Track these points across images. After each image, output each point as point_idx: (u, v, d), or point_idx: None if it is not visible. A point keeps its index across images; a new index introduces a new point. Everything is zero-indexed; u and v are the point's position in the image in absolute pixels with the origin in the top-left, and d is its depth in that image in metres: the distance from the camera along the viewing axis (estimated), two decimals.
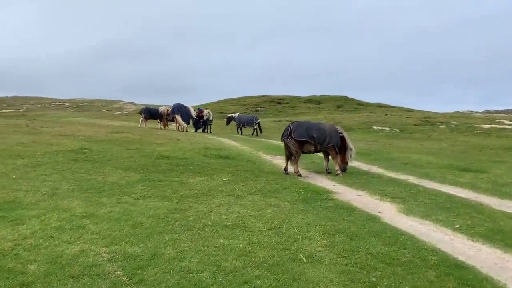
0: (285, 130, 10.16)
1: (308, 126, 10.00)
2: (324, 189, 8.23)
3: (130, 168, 9.39)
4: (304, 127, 9.90)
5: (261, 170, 10.22)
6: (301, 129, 9.86)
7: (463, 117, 39.90)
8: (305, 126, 9.99)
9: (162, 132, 19.58)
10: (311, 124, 10.32)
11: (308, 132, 9.86)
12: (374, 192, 8.08)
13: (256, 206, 6.55)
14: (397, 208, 6.82)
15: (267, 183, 8.58)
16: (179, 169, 9.59)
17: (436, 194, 7.99)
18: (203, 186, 7.91)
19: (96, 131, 16.80)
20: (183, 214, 5.78)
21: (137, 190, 7.26)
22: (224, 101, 65.00)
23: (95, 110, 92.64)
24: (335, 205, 6.90)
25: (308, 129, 9.89)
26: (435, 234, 5.46)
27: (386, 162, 12.76)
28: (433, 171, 11.05)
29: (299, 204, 6.84)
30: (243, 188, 7.94)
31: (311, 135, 9.84)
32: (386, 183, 9.03)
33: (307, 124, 10.17)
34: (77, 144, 12.48)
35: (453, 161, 13.39)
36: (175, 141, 15.35)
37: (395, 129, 30.86)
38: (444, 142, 21.89)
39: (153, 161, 10.35)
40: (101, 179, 8.06)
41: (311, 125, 10.18)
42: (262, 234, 5.07)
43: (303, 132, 9.81)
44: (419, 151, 16.60)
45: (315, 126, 10.20)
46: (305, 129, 9.85)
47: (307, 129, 9.86)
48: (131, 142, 13.97)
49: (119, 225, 5.12)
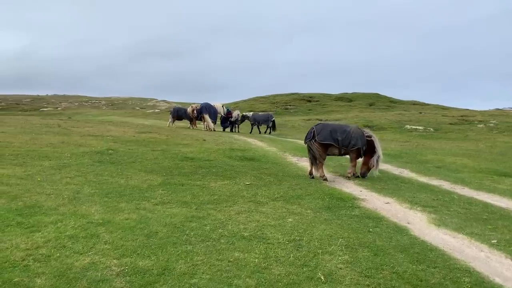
0: (309, 133, 9.80)
1: (332, 129, 9.63)
2: (350, 195, 7.86)
3: (153, 170, 9.34)
4: (329, 130, 9.53)
5: (285, 174, 9.95)
6: (325, 131, 9.49)
7: (503, 115, 38.02)
8: (329, 128, 9.62)
9: (189, 132, 19.64)
10: (336, 126, 9.93)
11: (333, 135, 9.49)
12: (404, 199, 7.65)
13: (277, 214, 6.30)
14: (428, 219, 6.39)
15: (290, 188, 8.31)
16: (202, 171, 9.46)
17: (472, 202, 7.47)
18: (224, 191, 7.73)
19: (124, 131, 17.03)
20: (200, 222, 5.60)
21: (157, 195, 7.16)
22: (254, 99, 64.91)
23: (129, 108, 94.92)
24: (361, 214, 6.55)
25: (332, 131, 9.52)
26: (469, 250, 5.03)
27: (418, 165, 12.19)
28: (469, 176, 10.43)
29: (322, 212, 6.53)
30: (265, 193, 7.70)
31: (335, 138, 9.47)
32: (417, 190, 8.55)
33: (332, 127, 9.78)
34: (104, 144, 12.62)
35: (491, 164, 12.64)
36: (201, 141, 15.30)
37: (429, 129, 29.73)
38: (481, 142, 20.83)
39: (176, 163, 10.28)
40: (123, 182, 8.03)
41: (335, 127, 9.79)
42: (280, 247, 4.81)
43: (327, 135, 9.45)
44: (454, 153, 15.81)
45: (339, 128, 9.79)
46: (329, 131, 9.49)
47: (331, 132, 9.49)
48: (158, 143, 14.02)
49: (134, 234, 5.00)
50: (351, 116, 40.34)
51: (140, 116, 55.13)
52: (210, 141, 15.65)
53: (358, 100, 60.72)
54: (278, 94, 65.27)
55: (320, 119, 37.44)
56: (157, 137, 15.68)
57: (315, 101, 59.29)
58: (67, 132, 15.64)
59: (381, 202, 7.46)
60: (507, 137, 23.58)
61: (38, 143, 12.02)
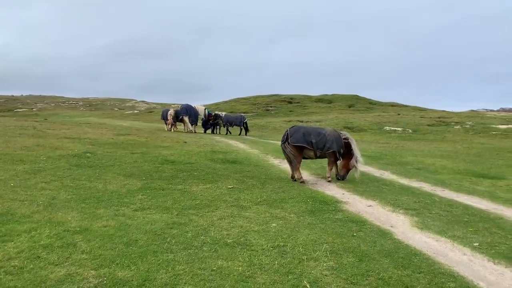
0: (283, 136, 9.68)
1: (306, 131, 9.52)
2: (333, 198, 7.83)
3: (132, 174, 9.11)
4: (302, 132, 9.42)
5: (268, 176, 9.86)
6: (298, 134, 9.38)
7: (478, 117, 39.02)
8: (302, 131, 9.52)
9: (169, 134, 19.35)
10: (310, 128, 9.86)
11: (306, 137, 9.35)
12: (386, 202, 7.67)
13: (261, 219, 6.20)
14: (411, 222, 6.41)
15: (273, 191, 8.23)
16: (183, 175, 9.28)
17: (452, 205, 7.54)
18: (206, 195, 7.58)
19: (102, 133, 16.64)
20: (182, 229, 5.44)
21: (137, 200, 6.97)
22: (235, 101, 64.84)
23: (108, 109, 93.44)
24: (344, 217, 6.51)
25: (306, 134, 9.39)
26: (452, 254, 5.04)
27: (399, 167, 12.30)
28: (448, 178, 10.57)
29: (306, 216, 6.47)
30: (248, 197, 7.60)
31: (309, 140, 9.33)
32: (399, 192, 8.60)
33: (306, 129, 9.70)
34: (82, 147, 12.28)
35: (469, 165, 12.87)
36: (181, 144, 15.08)
37: (407, 130, 30.22)
38: (459, 144, 21.25)
39: (156, 167, 10.06)
40: (101, 187, 7.79)
41: (309, 129, 9.71)
42: (264, 253, 4.71)
43: (300, 137, 9.33)
44: (433, 154, 16.06)
45: (314, 131, 9.68)
46: (302, 134, 9.36)
47: (304, 134, 9.36)
48: (137, 145, 13.74)
49: (112, 243, 4.81)
50: (331, 117, 40.69)
51: (118, 117, 54.25)
52: (191, 144, 15.44)
53: (338, 102, 61.37)
54: (259, 96, 65.38)
55: (301, 120, 37.62)
56: (136, 139, 15.38)
57: (296, 103, 59.62)
58: (42, 134, 15.17)
59: (363, 205, 7.45)
60: (483, 139, 24.16)
61: (12, 146, 11.59)
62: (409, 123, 33.80)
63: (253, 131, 26.99)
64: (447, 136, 25.68)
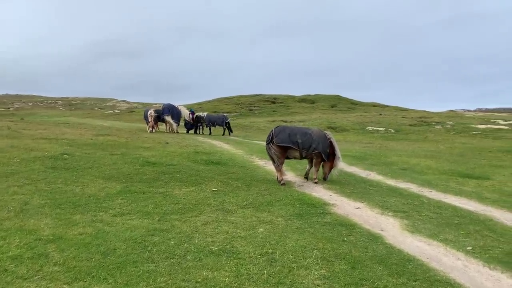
0: (268, 135, 9.37)
1: (291, 131, 9.25)
2: (320, 200, 7.62)
3: (111, 177, 8.72)
4: (287, 132, 9.15)
5: (253, 178, 9.60)
6: (283, 134, 9.10)
7: (458, 117, 39.63)
8: (288, 131, 9.25)
9: (151, 135, 18.87)
10: (296, 129, 9.61)
11: (291, 138, 9.08)
12: (374, 204, 7.50)
13: (247, 223, 5.93)
14: (401, 225, 6.24)
15: (259, 193, 7.97)
16: (165, 178, 8.93)
17: (441, 206, 7.42)
18: (190, 198, 7.27)
19: (81, 134, 16.09)
20: (164, 236, 5.13)
21: (116, 204, 6.60)
22: (218, 100, 64.38)
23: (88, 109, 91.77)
24: (333, 220, 6.30)
25: (291, 134, 9.12)
26: (446, 258, 4.87)
27: (384, 167, 12.20)
28: (434, 178, 10.51)
29: (294, 220, 6.23)
30: (234, 200, 7.32)
31: (294, 140, 9.07)
32: (386, 193, 8.45)
33: (291, 129, 9.44)
34: (59, 149, 11.78)
35: (454, 165, 12.87)
36: (163, 144, 14.68)
37: (390, 130, 30.40)
38: (441, 144, 21.41)
39: (137, 169, 9.68)
40: (78, 191, 7.39)
41: (295, 130, 9.45)
42: (252, 262, 4.44)
43: (285, 138, 9.06)
44: (417, 154, 16.07)
45: (299, 131, 9.43)
46: (288, 134, 9.09)
47: (290, 134, 9.09)
48: (117, 146, 13.29)
49: (88, 253, 4.47)
50: (315, 117, 40.71)
51: (98, 117, 53.18)
52: (173, 144, 15.05)
53: (321, 102, 61.57)
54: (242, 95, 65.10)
55: (285, 120, 37.51)
56: (116, 140, 14.90)
57: (279, 103, 59.55)
58: (17, 135, 14.55)
59: (351, 207, 7.26)
60: (464, 138, 24.44)
61: None
62: (391, 123, 34.05)
63: (237, 131, 26.69)
64: (429, 136, 25.90)
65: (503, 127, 30.98)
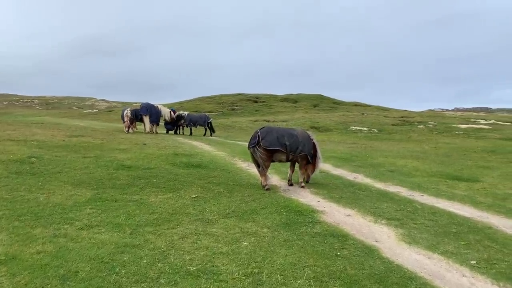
0: (253, 137, 8.70)
1: (279, 133, 8.65)
2: (308, 207, 7.10)
3: (82, 183, 8.02)
4: (275, 134, 8.55)
5: (236, 182, 9.03)
6: (270, 136, 8.49)
7: (440, 117, 39.90)
8: (275, 133, 8.63)
9: (128, 136, 18.03)
10: (282, 130, 9.00)
11: (280, 140, 8.50)
12: (366, 211, 7.02)
13: (230, 236, 5.36)
14: (396, 235, 5.77)
15: (243, 200, 7.40)
16: (140, 183, 8.28)
17: (436, 212, 7.00)
18: (166, 207, 6.65)
19: (53, 135, 15.20)
20: (135, 254, 4.52)
21: (84, 215, 5.95)
22: (200, 99, 63.50)
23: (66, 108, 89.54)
24: (323, 231, 5.79)
25: (279, 136, 8.54)
26: (450, 275, 4.41)
27: (372, 169, 11.80)
28: (424, 181, 10.15)
29: (281, 230, 5.69)
30: (215, 208, 6.73)
31: (283, 143, 8.50)
32: (377, 198, 8.00)
33: (277, 130, 8.83)
34: (26, 151, 10.97)
35: (441, 167, 12.57)
36: (141, 146, 13.95)
37: (373, 129, 30.26)
38: (425, 144, 21.26)
39: (110, 173, 8.99)
40: (43, 199, 6.70)
41: (281, 131, 8.85)
42: (236, 285, 3.88)
43: (273, 140, 8.45)
44: (403, 155, 15.78)
45: (286, 132, 8.85)
46: (276, 136, 8.50)
47: (278, 137, 8.51)
48: (91, 148, 12.51)
49: (45, 277, 3.83)
50: (297, 117, 40.37)
51: (76, 116, 51.71)
52: (151, 145, 14.34)
53: (303, 101, 61.39)
54: (224, 95, 64.39)
55: (268, 120, 37.03)
56: (90, 141, 14.09)
57: (262, 102, 59.10)
58: None
59: (342, 215, 6.77)
60: (447, 138, 24.41)
61: None
62: (374, 122, 33.96)
63: (219, 131, 26.00)
64: (412, 136, 25.80)
65: (484, 127, 31.23)
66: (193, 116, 24.59)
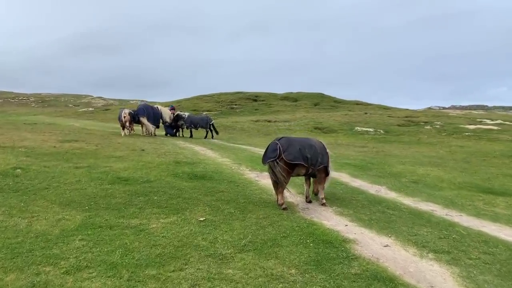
0: (271, 150, 7.49)
1: (300, 144, 7.59)
2: (337, 235, 6.05)
3: (72, 202, 6.96)
4: (297, 146, 7.47)
5: (247, 199, 7.97)
6: (293, 148, 7.40)
7: (445, 116, 38.92)
8: (297, 144, 7.55)
9: (125, 140, 16.88)
10: (301, 140, 7.88)
11: (302, 152, 7.44)
12: (405, 239, 5.99)
13: (251, 281, 4.32)
14: (453, 276, 4.73)
15: (258, 224, 6.35)
16: (139, 201, 7.21)
17: (487, 241, 5.97)
18: (171, 236, 5.59)
19: (44, 140, 14.08)
20: None
21: (72, 250, 4.89)
22: (198, 98, 62.28)
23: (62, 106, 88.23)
24: (363, 271, 4.75)
25: (301, 148, 7.48)
26: None
27: (393, 179, 10.76)
28: (454, 195, 9.12)
29: (313, 272, 4.64)
30: (228, 237, 5.68)
31: (305, 155, 7.44)
32: (411, 220, 6.96)
33: (298, 141, 7.73)
34: (12, 160, 9.88)
35: (466, 176, 11.56)
36: (139, 152, 12.85)
37: (379, 131, 29.24)
38: (438, 147, 20.27)
39: (105, 189, 7.92)
40: (24, 227, 5.64)
41: (301, 142, 7.77)
42: None
43: (296, 153, 7.37)
44: (420, 161, 14.76)
45: (306, 143, 7.78)
46: (298, 148, 7.42)
47: (300, 148, 7.45)
48: (84, 156, 11.42)
49: None
50: (299, 116, 39.30)
51: (71, 115, 50.46)
52: (150, 152, 13.24)
53: (303, 100, 60.28)
54: (223, 93, 63.21)
55: (269, 120, 35.96)
56: (84, 147, 12.99)
57: (261, 101, 57.99)
58: None
59: (378, 245, 5.73)
60: (459, 141, 23.41)
61: None
62: (379, 123, 32.93)
63: (220, 132, 24.83)
64: (421, 137, 24.80)
65: (493, 128, 30.27)
66: (194, 118, 23.27)
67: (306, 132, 28.01)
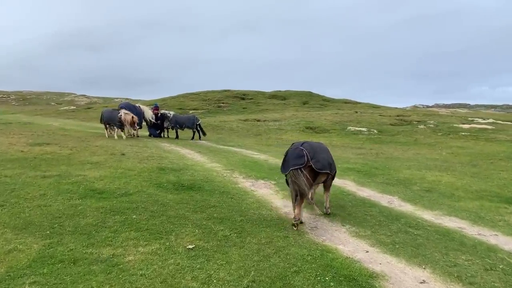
0: (296, 156, 6.33)
1: (321, 150, 6.72)
2: (359, 266, 4.89)
3: (30, 224, 5.66)
4: (320, 152, 6.58)
5: (244, 216, 6.75)
6: (318, 155, 6.47)
7: (436, 115, 38.35)
8: (319, 149, 6.63)
9: (104, 143, 15.46)
10: (319, 146, 6.88)
11: (328, 159, 6.73)
12: (443, 271, 4.85)
13: None
14: None
15: (261, 252, 5.16)
16: (114, 222, 5.93)
17: None
18: (152, 273, 4.35)
19: (11, 142, 12.61)
20: None
21: None
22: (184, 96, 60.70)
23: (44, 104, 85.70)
24: None
25: (324, 154, 6.72)
26: None
27: (403, 188, 9.66)
28: (477, 207, 8.05)
29: None
30: (224, 274, 4.47)
31: (329, 162, 6.73)
32: (443, 243, 5.84)
33: (319, 147, 6.74)
34: None
35: (479, 182, 10.54)
36: (118, 157, 11.49)
37: (373, 130, 28.31)
38: (437, 148, 19.34)
39: (74, 205, 6.61)
40: None
41: (321, 147, 6.81)
42: None
43: (323, 160, 6.52)
44: (424, 164, 13.74)
45: (323, 148, 6.90)
46: (322, 155, 6.58)
47: (324, 156, 6.67)
48: (55, 162, 10.04)
49: None
50: (289, 115, 38.18)
51: (52, 114, 48.46)
52: (131, 156, 11.89)
53: (292, 98, 59.25)
54: (209, 91, 61.78)
55: (258, 119, 34.76)
56: (56, 151, 11.58)
57: (249, 99, 56.75)
58: None
59: (412, 281, 4.59)
60: (457, 141, 22.57)
61: None
62: (371, 122, 32.05)
63: (208, 133, 23.46)
64: (418, 138, 23.89)
65: (487, 127, 29.62)
66: (180, 118, 21.83)
67: (297, 132, 26.90)
